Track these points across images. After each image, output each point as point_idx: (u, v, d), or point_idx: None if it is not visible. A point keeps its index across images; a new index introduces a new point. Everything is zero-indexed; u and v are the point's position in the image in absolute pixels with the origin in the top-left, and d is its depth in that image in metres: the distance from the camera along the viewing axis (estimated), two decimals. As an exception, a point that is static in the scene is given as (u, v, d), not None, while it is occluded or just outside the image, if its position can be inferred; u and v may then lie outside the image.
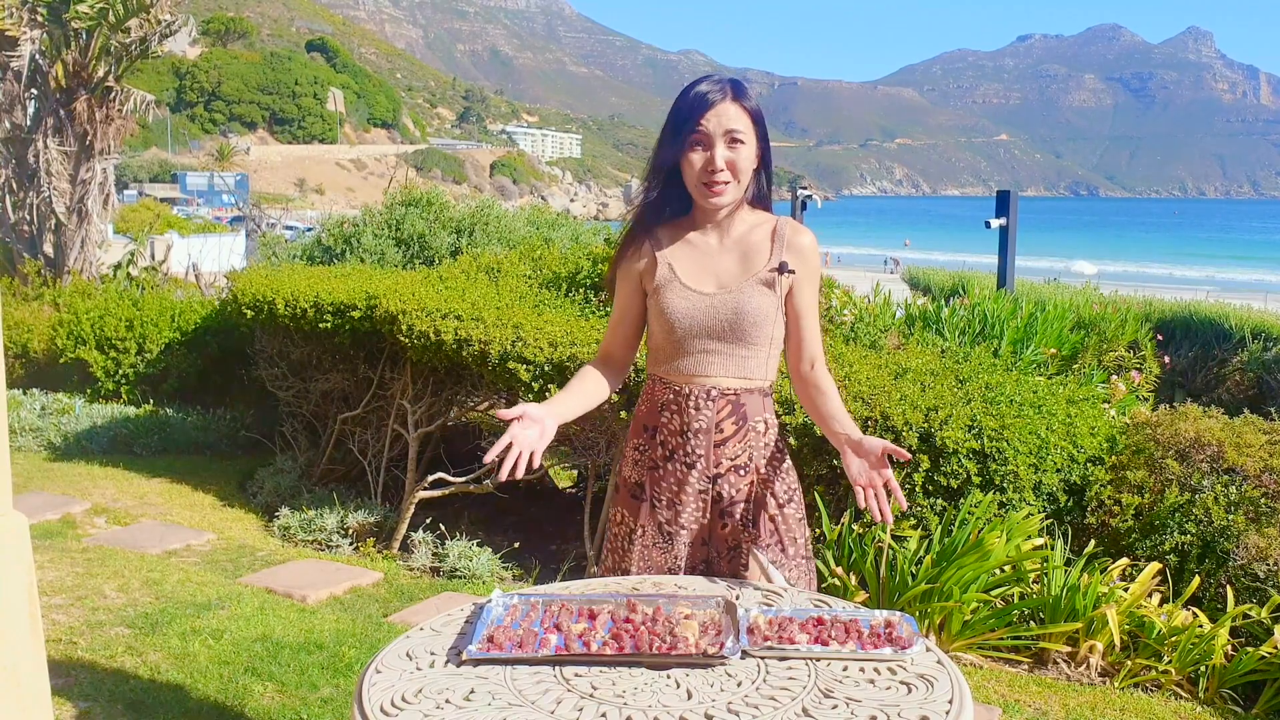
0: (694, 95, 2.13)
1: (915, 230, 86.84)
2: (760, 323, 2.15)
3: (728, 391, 2.17)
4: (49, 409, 7.26)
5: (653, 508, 2.22)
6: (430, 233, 8.34)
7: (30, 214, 9.73)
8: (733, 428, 2.18)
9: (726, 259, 2.19)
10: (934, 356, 4.89)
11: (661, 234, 2.23)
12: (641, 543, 2.23)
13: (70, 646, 3.60)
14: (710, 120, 2.10)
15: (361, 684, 1.62)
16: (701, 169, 2.12)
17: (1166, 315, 10.80)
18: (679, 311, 2.16)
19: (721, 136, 2.10)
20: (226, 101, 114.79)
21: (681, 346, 2.18)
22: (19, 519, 1.95)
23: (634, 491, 2.26)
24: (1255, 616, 3.74)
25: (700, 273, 2.18)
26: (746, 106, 2.13)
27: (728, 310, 2.15)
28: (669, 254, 2.20)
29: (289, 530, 5.29)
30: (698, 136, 2.11)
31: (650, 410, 2.25)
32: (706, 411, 2.17)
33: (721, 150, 2.11)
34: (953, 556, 3.69)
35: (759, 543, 2.18)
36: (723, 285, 2.17)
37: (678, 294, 2.17)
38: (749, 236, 2.20)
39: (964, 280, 14.60)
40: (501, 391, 5.14)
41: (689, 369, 2.18)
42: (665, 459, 2.21)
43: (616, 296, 2.30)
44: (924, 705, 1.54)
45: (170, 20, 9.93)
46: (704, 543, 2.22)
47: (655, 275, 2.20)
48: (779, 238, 2.20)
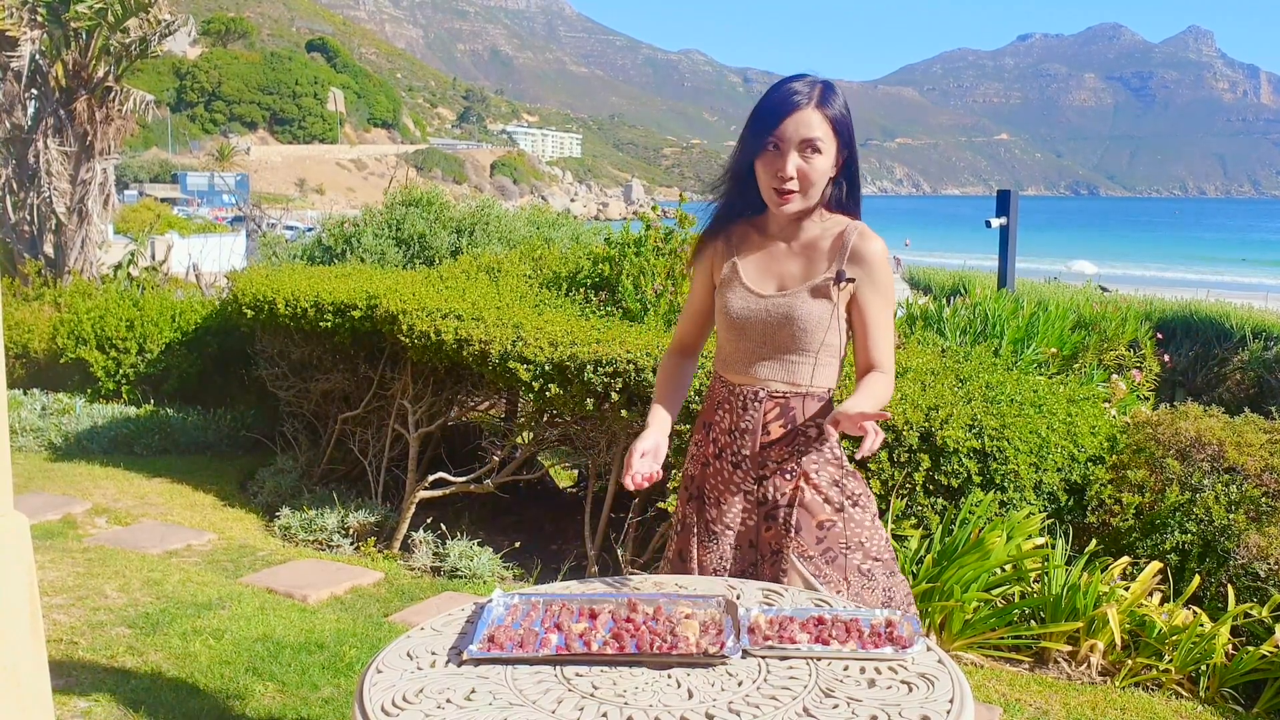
0: (779, 96, 2.09)
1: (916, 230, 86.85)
2: (811, 330, 2.12)
3: (776, 394, 2.17)
4: (49, 409, 7.26)
5: (702, 504, 2.24)
6: (430, 233, 8.35)
7: (31, 214, 9.73)
8: (780, 430, 2.16)
9: (792, 262, 2.18)
10: (934, 356, 4.89)
11: (736, 232, 2.24)
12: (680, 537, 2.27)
13: (71, 646, 3.60)
14: (788, 126, 2.07)
15: (362, 684, 1.62)
16: (772, 175, 2.10)
17: (1167, 314, 10.80)
18: (735, 311, 2.18)
19: (797, 144, 2.07)
20: (227, 101, 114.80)
21: (738, 346, 2.19)
22: (20, 519, 1.95)
23: (687, 485, 2.29)
24: (1256, 615, 3.74)
25: (763, 275, 2.18)
26: (829, 114, 2.09)
27: (779, 314, 2.14)
28: (737, 252, 2.22)
29: (290, 530, 5.29)
30: (774, 140, 2.09)
31: (709, 406, 2.28)
32: (754, 412, 2.17)
33: (794, 159, 2.08)
34: (953, 556, 3.69)
35: (802, 551, 2.12)
36: (781, 288, 2.17)
37: (737, 294, 2.18)
38: (818, 242, 2.17)
39: (965, 280, 14.59)
40: (502, 391, 5.14)
41: (741, 368, 2.19)
42: (715, 456, 2.23)
43: (692, 287, 2.33)
44: (925, 705, 1.54)
45: (170, 20, 9.93)
46: (751, 545, 2.21)
47: (722, 272, 2.22)
48: (844, 244, 2.14)
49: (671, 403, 2.30)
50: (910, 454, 3.83)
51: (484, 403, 5.53)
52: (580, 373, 4.28)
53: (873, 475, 3.83)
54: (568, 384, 4.35)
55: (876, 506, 2.24)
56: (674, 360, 2.38)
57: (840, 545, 2.13)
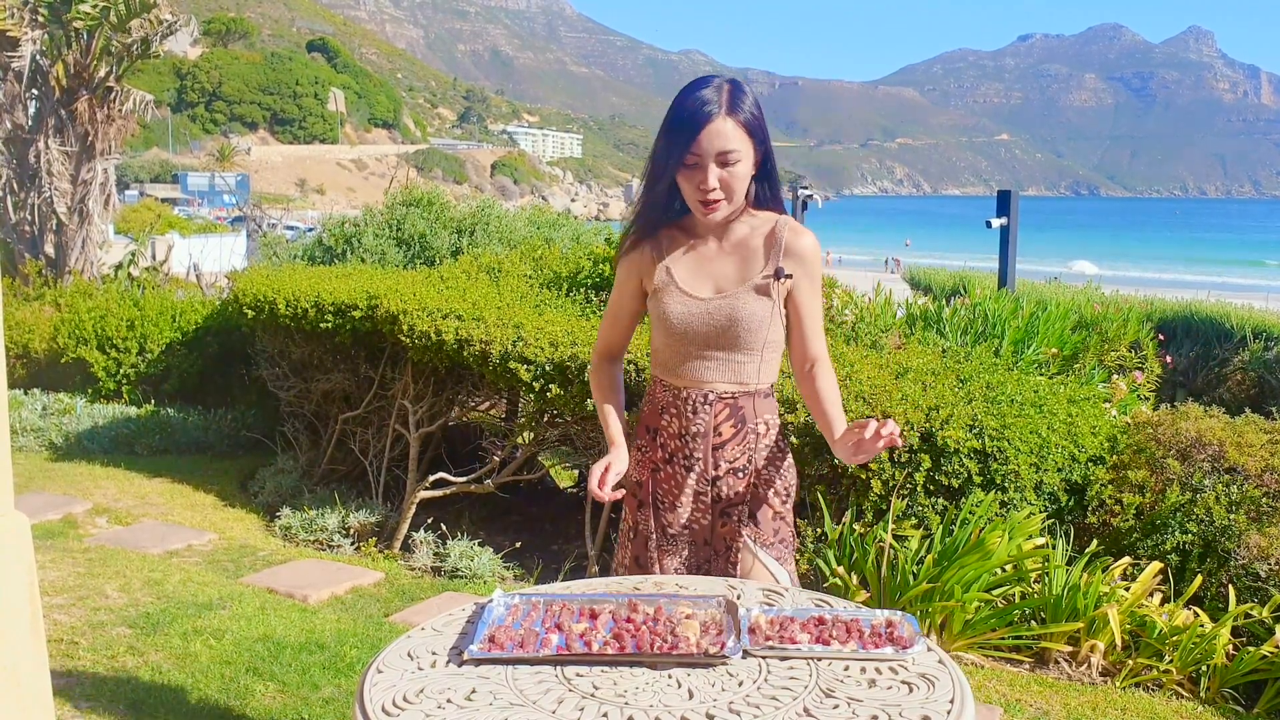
0: (691, 108, 2.07)
1: (916, 231, 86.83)
2: (755, 329, 2.14)
3: (725, 395, 2.17)
4: (50, 409, 7.26)
5: (656, 510, 2.23)
6: (431, 233, 8.34)
7: (31, 214, 9.74)
8: (731, 430, 2.18)
9: (725, 263, 2.18)
10: (935, 356, 4.89)
11: (663, 236, 2.22)
12: (634, 544, 2.25)
13: (72, 646, 3.60)
14: (703, 140, 2.06)
15: (363, 684, 1.62)
16: (695, 188, 2.10)
17: (1168, 315, 10.80)
18: (675, 317, 2.16)
19: (714, 158, 2.07)
20: (227, 102, 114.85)
21: (679, 351, 2.18)
22: (20, 519, 1.95)
23: (634, 490, 2.27)
24: (1257, 616, 3.73)
25: (698, 278, 2.17)
26: (741, 119, 2.08)
27: (723, 317, 2.14)
28: (669, 258, 2.20)
29: (290, 530, 5.29)
30: (690, 159, 2.08)
31: (652, 411, 2.26)
32: (704, 415, 2.17)
33: (714, 171, 2.08)
34: (954, 556, 3.69)
35: (762, 541, 2.18)
36: (720, 290, 2.16)
37: (675, 299, 2.16)
38: (749, 240, 2.18)
39: (965, 280, 14.61)
40: (502, 391, 5.14)
41: (687, 373, 2.18)
42: (665, 461, 2.22)
43: (616, 292, 2.31)
44: (925, 705, 1.54)
45: (171, 20, 9.94)
46: (705, 543, 2.23)
47: (654, 278, 2.20)
48: (777, 241, 2.17)
49: (620, 410, 2.30)
50: (911, 454, 3.83)
51: (485, 403, 5.53)
52: (581, 373, 4.28)
53: (873, 475, 3.83)
54: (568, 384, 4.35)
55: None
56: (606, 367, 2.37)
57: (790, 538, 2.22)
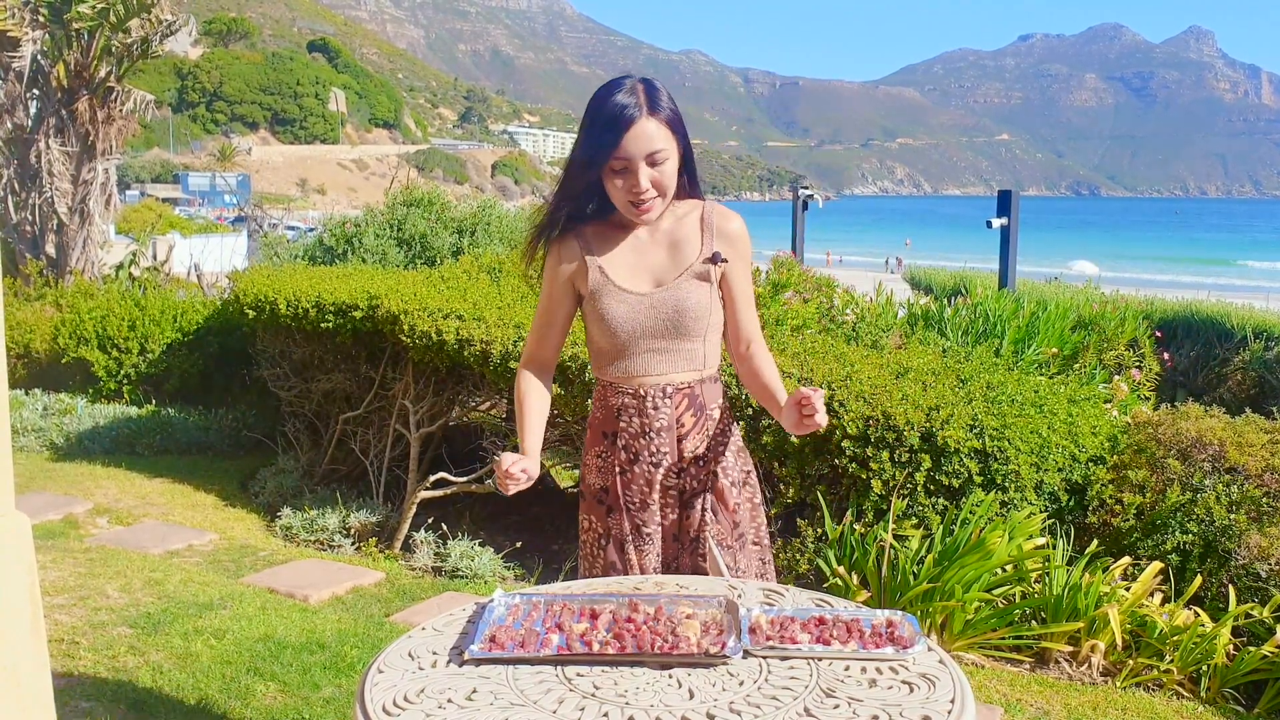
0: (611, 112, 2.04)
1: (916, 231, 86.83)
2: (700, 315, 2.14)
3: (683, 386, 2.17)
4: (51, 409, 7.27)
5: (627, 511, 2.20)
6: (432, 233, 8.35)
7: (32, 214, 9.75)
8: (692, 420, 2.18)
9: (658, 254, 2.16)
10: (935, 356, 4.89)
11: (589, 233, 2.18)
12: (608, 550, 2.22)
13: (73, 646, 3.61)
14: (629, 144, 2.03)
15: (364, 684, 1.63)
16: (627, 191, 2.08)
17: (1167, 314, 10.80)
18: (619, 316, 2.13)
19: (643, 159, 2.05)
20: (228, 102, 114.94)
21: (626, 349, 2.16)
22: (21, 519, 1.96)
23: (599, 497, 2.24)
24: (1257, 616, 3.73)
25: (633, 272, 2.15)
26: (663, 117, 2.06)
27: (668, 309, 2.13)
28: (599, 256, 2.16)
29: (291, 530, 5.29)
30: (617, 164, 2.05)
31: (606, 416, 2.22)
32: (665, 409, 2.16)
33: (645, 173, 2.06)
34: (954, 556, 3.69)
35: (718, 536, 2.18)
36: (658, 282, 2.15)
37: (614, 298, 2.13)
38: (678, 229, 2.17)
39: (966, 280, 14.61)
40: (503, 391, 5.14)
41: (638, 370, 2.16)
42: (630, 462, 2.19)
43: (545, 299, 2.23)
44: (926, 705, 1.54)
45: (171, 20, 9.95)
46: (674, 538, 2.23)
47: (588, 280, 2.16)
48: (708, 226, 2.17)
49: (543, 422, 2.21)
50: (911, 454, 3.83)
51: (485, 403, 5.53)
52: (582, 373, 4.28)
53: (873, 475, 3.83)
54: (569, 384, 4.35)
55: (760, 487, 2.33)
56: (537, 380, 2.25)
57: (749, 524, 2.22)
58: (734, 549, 2.20)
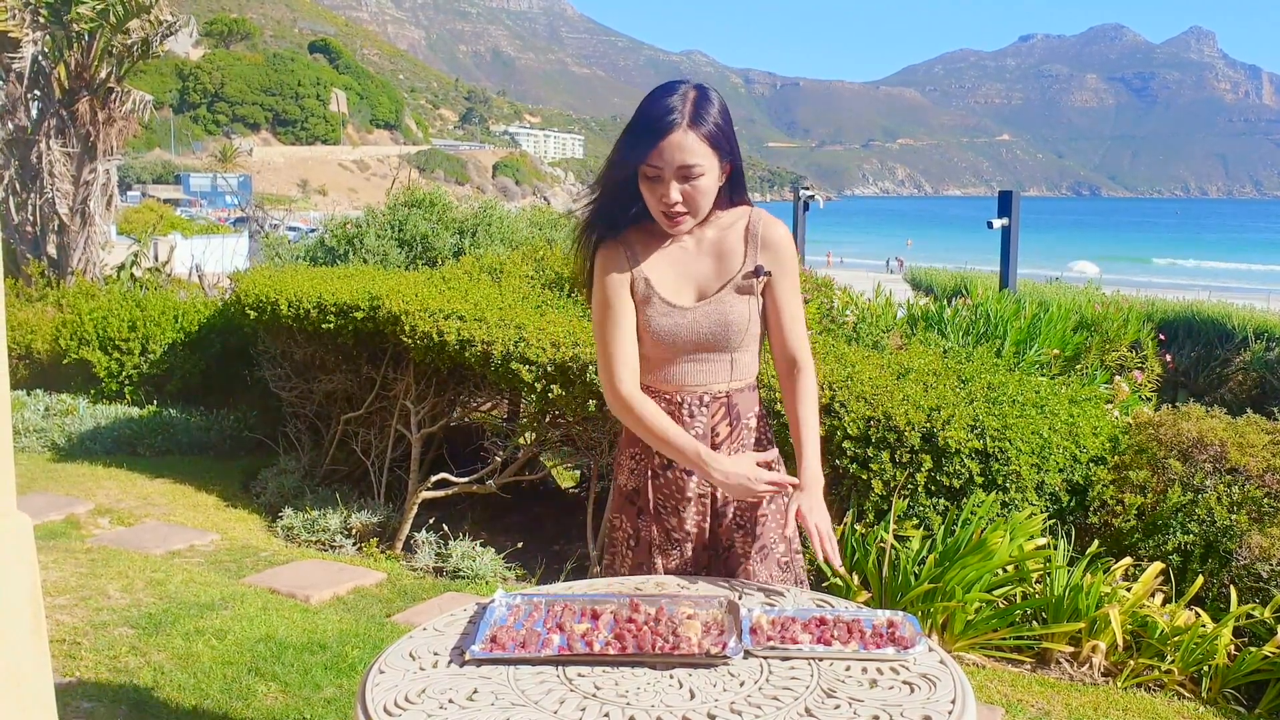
0: (653, 115, 2.01)
1: (917, 231, 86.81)
2: (742, 329, 2.13)
3: (720, 395, 2.16)
4: (53, 410, 7.27)
5: (658, 515, 2.20)
6: (433, 233, 8.35)
7: (34, 215, 9.75)
8: (727, 429, 2.17)
9: (702, 263, 2.14)
10: (936, 357, 4.89)
11: (634, 240, 2.15)
12: (636, 551, 2.22)
13: (74, 647, 3.61)
14: (664, 152, 1.99)
15: (365, 684, 1.63)
16: (658, 199, 2.05)
17: (1169, 315, 10.79)
18: (662, 329, 2.12)
19: (675, 171, 2.01)
20: (229, 103, 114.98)
21: (668, 358, 2.15)
22: (23, 519, 1.96)
23: (631, 498, 2.24)
24: (1258, 616, 3.73)
25: (677, 284, 2.13)
26: (704, 132, 2.00)
27: (710, 323, 2.11)
28: (644, 265, 2.13)
29: (292, 530, 5.29)
30: (651, 170, 2.02)
31: None
32: (701, 418, 2.15)
33: (676, 186, 2.02)
34: (955, 556, 3.69)
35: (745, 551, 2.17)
36: (701, 294, 2.13)
37: (659, 311, 2.12)
38: (724, 239, 2.14)
39: (966, 280, 14.59)
40: (504, 391, 5.14)
41: (679, 378, 2.15)
42: (664, 467, 2.18)
43: (616, 304, 2.13)
44: (927, 705, 1.55)
45: (170, 21, 9.96)
46: (705, 547, 2.22)
47: (636, 289, 2.14)
48: (752, 236, 2.14)
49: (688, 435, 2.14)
50: (912, 454, 3.83)
51: (486, 403, 5.53)
52: (583, 374, 4.28)
53: (874, 476, 3.83)
54: (570, 385, 4.35)
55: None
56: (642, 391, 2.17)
57: (770, 540, 2.18)
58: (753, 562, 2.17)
